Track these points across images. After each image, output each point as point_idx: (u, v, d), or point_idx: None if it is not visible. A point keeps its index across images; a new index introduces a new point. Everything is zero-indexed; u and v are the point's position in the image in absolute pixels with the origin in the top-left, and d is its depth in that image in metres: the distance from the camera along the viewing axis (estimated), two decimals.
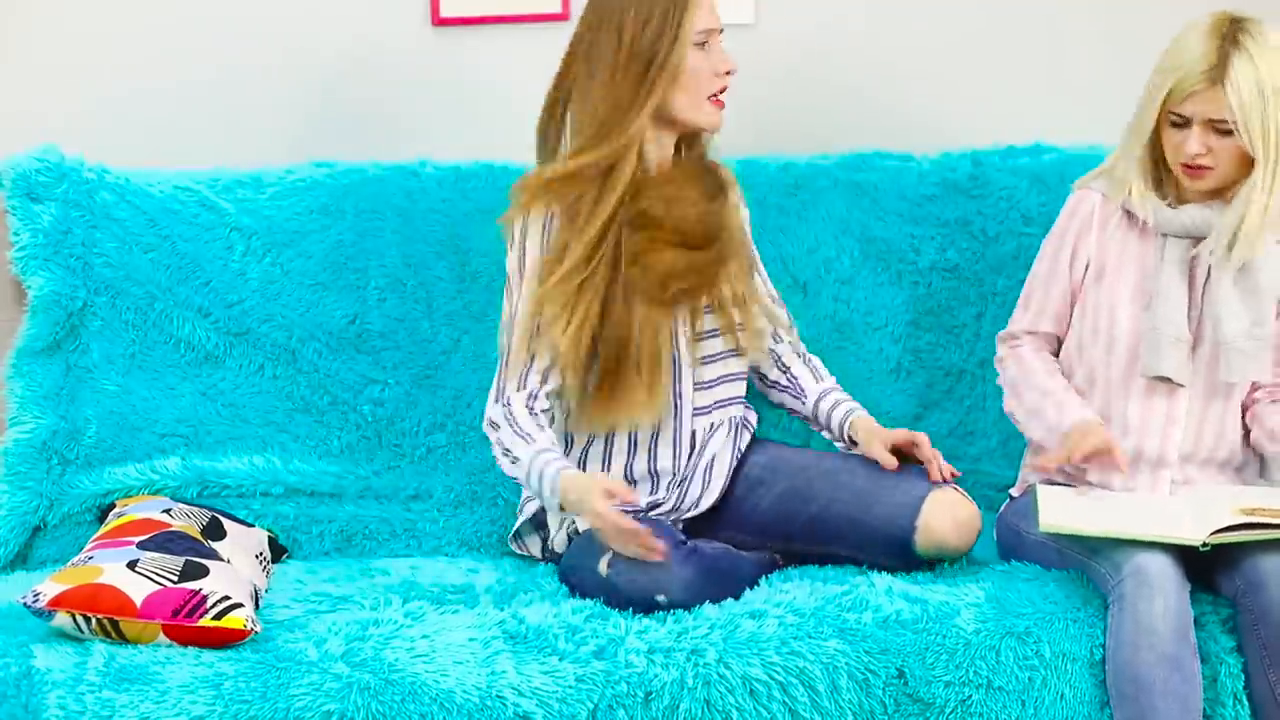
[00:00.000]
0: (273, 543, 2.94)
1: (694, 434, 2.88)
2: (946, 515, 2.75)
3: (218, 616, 2.49)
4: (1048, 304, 2.91)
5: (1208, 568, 2.68)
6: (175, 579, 2.53)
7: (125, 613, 2.48)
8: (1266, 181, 2.71)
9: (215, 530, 2.80)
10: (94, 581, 2.50)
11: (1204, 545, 2.58)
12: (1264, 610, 2.58)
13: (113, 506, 2.92)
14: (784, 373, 2.99)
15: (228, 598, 2.52)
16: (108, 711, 2.35)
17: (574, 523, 2.83)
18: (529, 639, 2.55)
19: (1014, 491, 2.96)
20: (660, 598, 2.64)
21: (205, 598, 2.51)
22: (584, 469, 2.86)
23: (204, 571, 2.57)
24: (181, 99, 3.22)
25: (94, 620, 2.48)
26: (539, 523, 2.93)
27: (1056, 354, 2.93)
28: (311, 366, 3.06)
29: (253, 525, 2.93)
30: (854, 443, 2.90)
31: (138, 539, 2.66)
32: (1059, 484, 2.84)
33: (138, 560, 2.57)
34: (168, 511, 2.81)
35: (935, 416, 3.24)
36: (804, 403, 2.97)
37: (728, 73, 2.81)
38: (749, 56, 3.39)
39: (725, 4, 3.35)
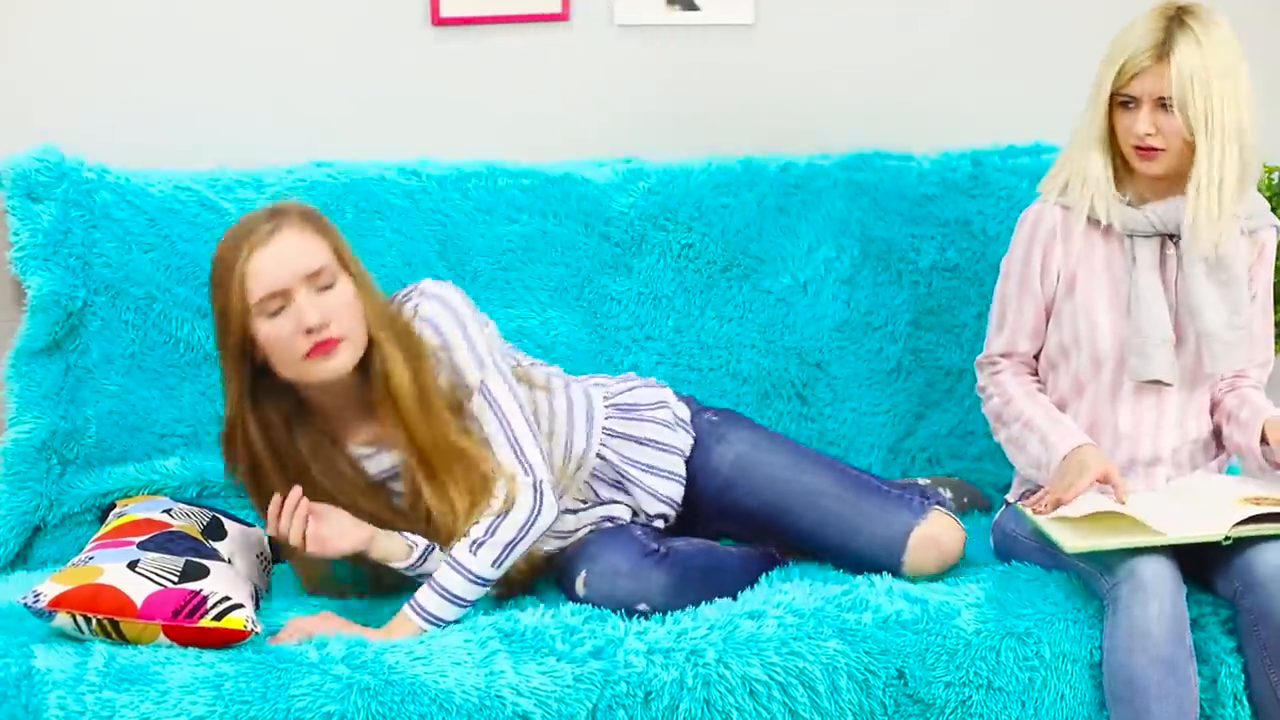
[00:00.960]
0: (273, 542, 2.94)
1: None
2: (932, 552, 2.74)
3: (218, 617, 2.49)
4: (1022, 322, 2.89)
5: (1205, 569, 2.67)
6: (175, 579, 2.53)
7: (125, 613, 2.47)
8: (1215, 158, 2.71)
9: (216, 530, 2.79)
10: (94, 582, 2.49)
11: (1226, 539, 2.58)
12: (1263, 611, 2.58)
13: (113, 506, 2.92)
14: None
15: (228, 598, 2.52)
16: (108, 712, 2.35)
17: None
18: (526, 639, 2.54)
19: (1010, 496, 2.95)
20: (641, 606, 2.64)
21: (205, 598, 2.50)
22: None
23: (204, 572, 2.57)
24: (181, 99, 3.22)
25: (94, 621, 2.48)
26: None
27: (1036, 372, 2.93)
28: None
29: (253, 525, 2.93)
30: None
31: (138, 539, 2.65)
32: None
33: (138, 560, 2.57)
34: (168, 511, 2.80)
35: (935, 416, 3.24)
36: None
37: (309, 330, 2.56)
38: (749, 56, 3.40)
39: (725, 4, 3.37)
